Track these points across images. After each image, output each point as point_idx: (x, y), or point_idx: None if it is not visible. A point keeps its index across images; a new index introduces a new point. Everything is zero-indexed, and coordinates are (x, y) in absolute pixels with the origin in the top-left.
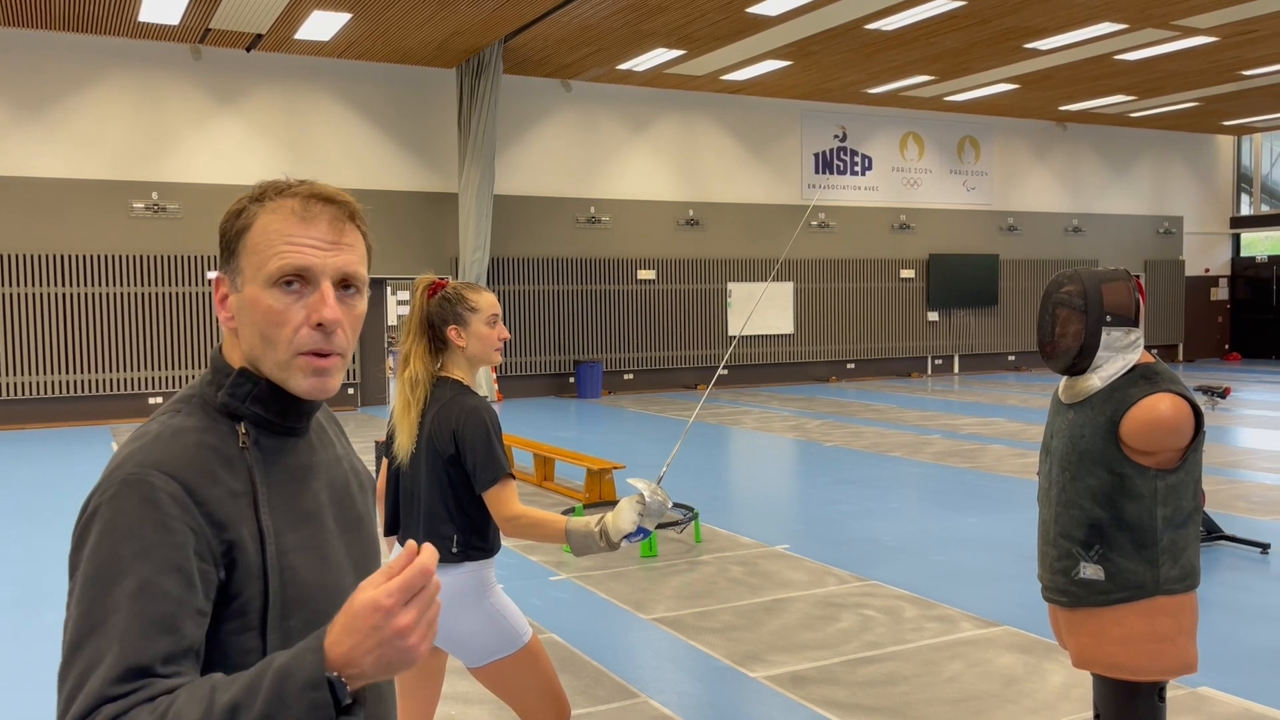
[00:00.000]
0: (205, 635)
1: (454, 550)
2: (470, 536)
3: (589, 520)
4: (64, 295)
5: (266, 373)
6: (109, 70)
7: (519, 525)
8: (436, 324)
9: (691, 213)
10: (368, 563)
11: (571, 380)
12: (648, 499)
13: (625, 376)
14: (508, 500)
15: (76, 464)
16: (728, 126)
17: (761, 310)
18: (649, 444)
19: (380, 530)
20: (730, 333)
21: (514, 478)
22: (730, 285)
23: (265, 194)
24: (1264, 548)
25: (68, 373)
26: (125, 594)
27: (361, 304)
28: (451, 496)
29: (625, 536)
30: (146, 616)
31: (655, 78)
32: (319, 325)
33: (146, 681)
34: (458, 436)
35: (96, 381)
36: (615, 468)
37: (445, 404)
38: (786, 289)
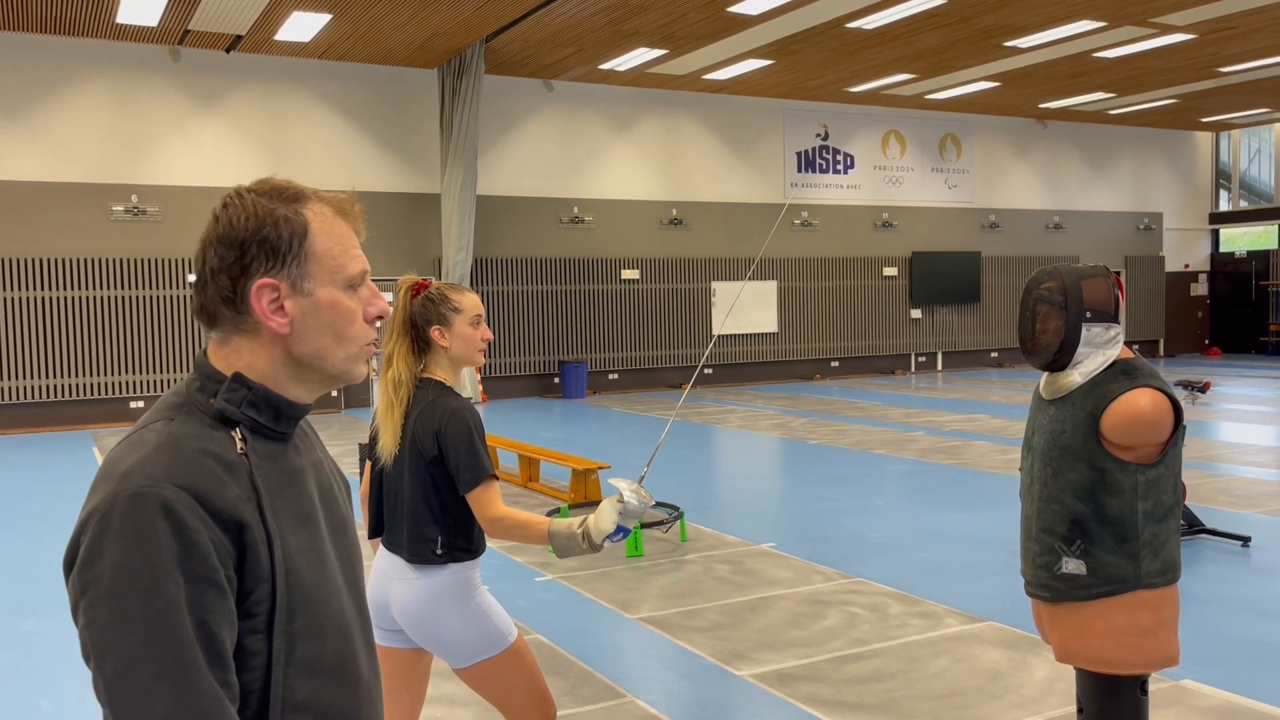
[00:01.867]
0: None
1: (438, 552)
2: (455, 538)
3: (571, 522)
4: (43, 299)
5: (331, 370)
6: (87, 72)
7: (502, 527)
8: (420, 325)
9: (675, 212)
10: (354, 564)
11: (556, 380)
12: (628, 499)
13: (610, 376)
14: (491, 502)
15: (57, 470)
16: (710, 126)
17: (745, 309)
18: (634, 444)
19: (365, 533)
20: (714, 332)
21: (497, 479)
22: (714, 284)
23: (285, 196)
24: (1245, 541)
25: (47, 377)
26: (172, 620)
27: None
28: (435, 498)
29: (607, 537)
30: (198, 644)
31: (637, 77)
32: (378, 318)
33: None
34: (440, 438)
35: (77, 386)
36: (600, 468)
37: (428, 405)
38: (770, 288)
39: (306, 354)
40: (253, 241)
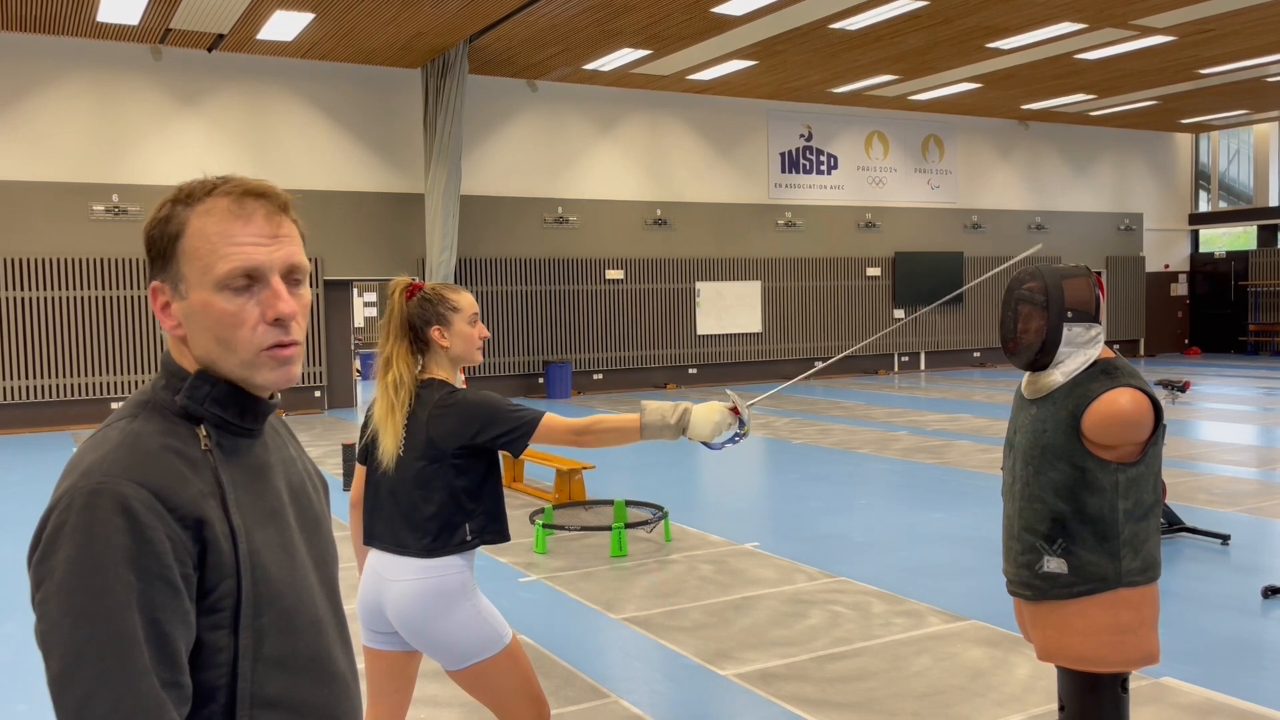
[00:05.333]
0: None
1: (460, 539)
2: (461, 530)
3: (665, 407)
4: (24, 299)
5: (227, 374)
6: (68, 71)
7: (593, 434)
8: (418, 325)
9: (659, 212)
10: (327, 562)
11: (541, 381)
12: (745, 415)
13: (595, 376)
14: (561, 424)
15: (38, 471)
16: (694, 126)
17: (729, 309)
18: None
19: (352, 535)
20: (699, 332)
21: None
22: (698, 285)
23: (192, 195)
24: (1224, 539)
25: (28, 378)
26: (119, 620)
27: (308, 292)
28: (443, 492)
29: (705, 443)
30: (146, 645)
31: (622, 77)
32: (277, 320)
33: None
34: (479, 422)
35: (58, 387)
36: (584, 468)
37: (440, 403)
38: (754, 288)
39: (201, 358)
40: (150, 245)
